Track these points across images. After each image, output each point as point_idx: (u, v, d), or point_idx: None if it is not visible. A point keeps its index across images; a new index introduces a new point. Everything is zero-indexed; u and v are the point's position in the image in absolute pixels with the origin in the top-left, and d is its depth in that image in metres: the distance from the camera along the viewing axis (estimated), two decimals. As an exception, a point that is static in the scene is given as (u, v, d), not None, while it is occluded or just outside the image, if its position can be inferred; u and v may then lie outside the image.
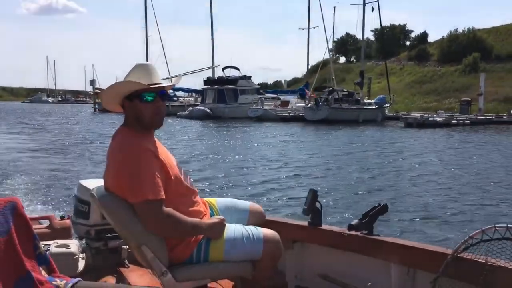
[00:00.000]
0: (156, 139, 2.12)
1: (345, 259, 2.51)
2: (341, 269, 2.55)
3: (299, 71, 54.83)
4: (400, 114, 36.56)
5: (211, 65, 48.65)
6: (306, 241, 2.68)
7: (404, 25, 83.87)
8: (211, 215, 2.25)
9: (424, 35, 76.19)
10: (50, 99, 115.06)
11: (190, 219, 2.03)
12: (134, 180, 1.93)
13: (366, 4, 40.69)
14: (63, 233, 2.93)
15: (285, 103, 40.48)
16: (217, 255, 2.09)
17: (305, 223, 2.64)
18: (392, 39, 79.45)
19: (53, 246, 2.61)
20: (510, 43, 62.54)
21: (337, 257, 2.55)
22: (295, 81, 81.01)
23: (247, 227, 2.20)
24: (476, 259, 1.86)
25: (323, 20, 43.73)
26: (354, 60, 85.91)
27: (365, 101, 37.95)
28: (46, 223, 3.05)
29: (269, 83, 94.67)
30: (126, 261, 2.87)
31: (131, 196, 1.94)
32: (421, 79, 64.02)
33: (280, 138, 23.70)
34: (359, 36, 76.72)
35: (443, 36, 69.08)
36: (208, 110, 38.55)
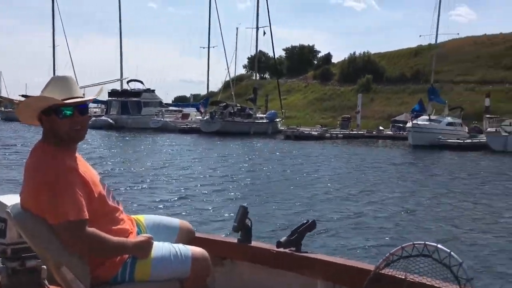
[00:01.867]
0: (78, 154, 2.09)
1: (274, 276, 2.56)
2: (270, 287, 2.60)
3: (218, 85, 59.64)
4: (282, 128, 41.89)
5: (119, 77, 51.30)
6: (235, 258, 2.71)
7: (313, 46, 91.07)
8: (138, 233, 2.22)
9: (328, 56, 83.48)
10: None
11: (115, 238, 1.99)
12: (54, 200, 1.86)
13: (259, 28, 45.71)
14: None
15: (186, 116, 44.45)
16: (143, 274, 2.07)
17: (235, 240, 2.67)
18: (301, 58, 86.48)
19: None
20: (399, 67, 70.98)
21: (266, 274, 2.59)
22: (210, 95, 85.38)
23: (175, 245, 2.20)
24: (396, 275, 1.94)
25: (222, 40, 49.15)
26: (267, 77, 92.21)
27: (257, 115, 42.66)
28: None
29: (187, 95, 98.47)
30: (46, 282, 2.74)
31: (51, 217, 1.88)
32: (322, 96, 70.57)
33: (179, 148, 26.53)
34: (271, 54, 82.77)
35: (344, 58, 76.43)
36: (111, 121, 41.44)
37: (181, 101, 70.62)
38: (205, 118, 39.64)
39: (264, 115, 43.10)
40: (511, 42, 65.77)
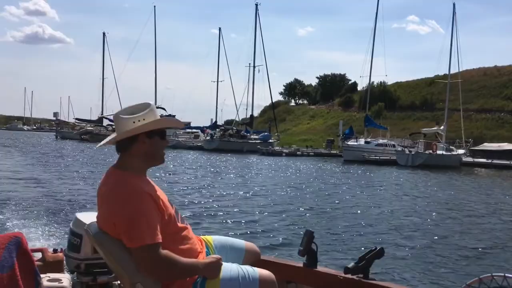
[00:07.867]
0: (148, 178, 2.26)
1: None
2: None
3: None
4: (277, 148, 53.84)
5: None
6: (301, 282, 2.78)
7: (344, 74, 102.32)
8: (207, 253, 2.38)
9: (354, 85, 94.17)
10: (25, 127, 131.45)
11: (186, 260, 2.14)
12: (131, 225, 2.03)
13: (256, 67, 59.25)
14: (56, 266, 3.01)
15: (197, 136, 57.89)
16: None
17: (301, 264, 2.77)
18: (332, 86, 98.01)
19: (45, 280, 2.64)
20: (413, 96, 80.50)
21: None
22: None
23: (243, 266, 2.32)
24: None
25: (230, 76, 62.57)
26: (305, 102, 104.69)
27: (251, 136, 55.23)
28: (38, 255, 3.09)
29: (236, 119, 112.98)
30: None
31: (128, 241, 2.05)
32: (339, 122, 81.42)
33: (186, 161, 34.68)
34: (306, 82, 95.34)
35: (363, 87, 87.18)
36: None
37: (229, 124, 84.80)
38: (206, 138, 52.70)
39: (257, 136, 55.55)
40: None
